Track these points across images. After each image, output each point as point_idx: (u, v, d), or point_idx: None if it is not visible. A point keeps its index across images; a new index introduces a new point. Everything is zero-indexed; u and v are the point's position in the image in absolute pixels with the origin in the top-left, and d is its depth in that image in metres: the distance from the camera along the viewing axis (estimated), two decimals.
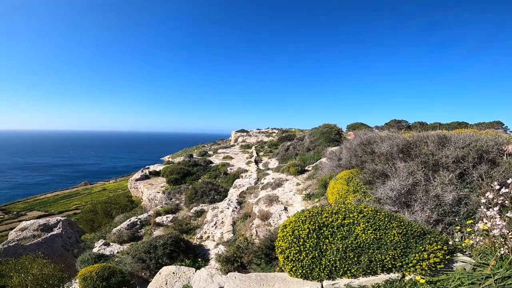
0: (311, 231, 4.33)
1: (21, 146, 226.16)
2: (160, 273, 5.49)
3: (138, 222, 11.59)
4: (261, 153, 29.68)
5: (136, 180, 21.66)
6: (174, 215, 12.23)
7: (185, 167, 21.15)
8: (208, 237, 9.32)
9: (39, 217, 38.87)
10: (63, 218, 13.59)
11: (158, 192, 17.68)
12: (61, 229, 12.22)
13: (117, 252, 9.14)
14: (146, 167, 25.48)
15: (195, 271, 5.38)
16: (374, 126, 27.93)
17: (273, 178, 13.24)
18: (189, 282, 5.08)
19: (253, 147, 35.86)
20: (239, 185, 14.69)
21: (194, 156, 29.00)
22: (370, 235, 4.10)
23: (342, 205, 4.69)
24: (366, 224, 4.20)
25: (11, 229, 15.60)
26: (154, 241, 7.64)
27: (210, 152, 34.14)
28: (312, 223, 4.40)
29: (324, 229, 4.34)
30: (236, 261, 6.31)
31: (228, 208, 10.85)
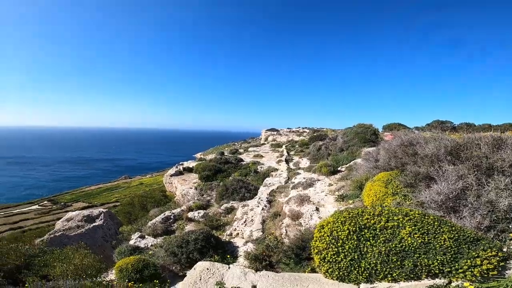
0: (351, 233, 4.16)
1: (70, 142, 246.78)
2: (194, 269, 5.57)
3: (172, 216, 11.95)
4: (291, 152, 29.35)
5: (171, 175, 22.48)
6: (205, 211, 12.45)
7: (216, 164, 21.55)
8: (238, 234, 9.34)
9: (83, 208, 42.01)
10: (105, 210, 14.38)
11: (191, 188, 18.16)
12: (102, 220, 12.97)
13: (151, 245, 9.47)
14: (180, 163, 26.36)
15: (229, 268, 5.38)
16: (414, 127, 26.31)
17: (304, 178, 12.99)
18: (222, 279, 5.09)
19: (284, 146, 35.57)
20: (269, 183, 14.61)
21: (225, 154, 29.44)
22: (417, 239, 3.88)
23: (385, 207, 4.43)
24: (413, 227, 3.98)
25: (58, 219, 16.96)
26: (187, 235, 7.77)
27: (241, 150, 34.47)
28: (352, 224, 4.23)
29: (366, 231, 4.16)
30: (264, 259, 6.23)
31: (258, 206, 10.81)
